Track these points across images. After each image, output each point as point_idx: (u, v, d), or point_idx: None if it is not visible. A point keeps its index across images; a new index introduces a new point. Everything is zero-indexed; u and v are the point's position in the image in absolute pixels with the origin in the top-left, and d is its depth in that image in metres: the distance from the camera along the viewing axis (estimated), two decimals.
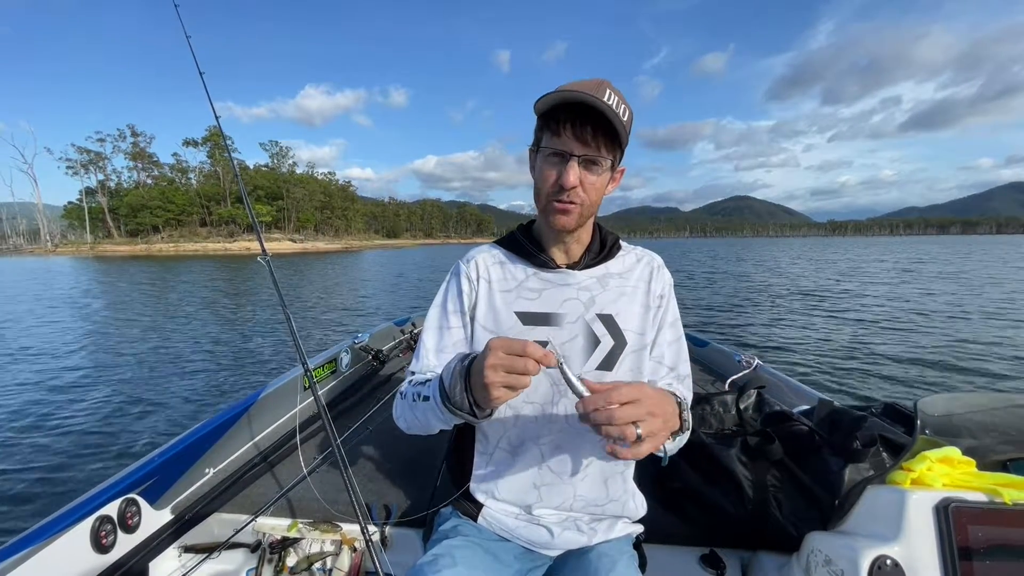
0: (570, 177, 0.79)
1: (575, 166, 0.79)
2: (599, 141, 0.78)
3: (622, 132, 0.77)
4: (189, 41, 1.40)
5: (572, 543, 0.91)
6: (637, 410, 0.63)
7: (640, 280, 0.95)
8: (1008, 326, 8.04)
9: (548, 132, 0.81)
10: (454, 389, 0.73)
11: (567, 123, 0.78)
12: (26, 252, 67.76)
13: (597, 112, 0.75)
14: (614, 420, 0.62)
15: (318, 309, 11.20)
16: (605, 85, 0.77)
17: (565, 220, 0.85)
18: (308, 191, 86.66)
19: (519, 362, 0.65)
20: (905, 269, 17.72)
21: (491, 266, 0.97)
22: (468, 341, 0.95)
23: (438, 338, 0.96)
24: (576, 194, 0.82)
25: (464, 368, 0.72)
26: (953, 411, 0.86)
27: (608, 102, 0.75)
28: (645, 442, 0.63)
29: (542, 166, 0.84)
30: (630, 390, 0.65)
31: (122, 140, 76.32)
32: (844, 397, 4.83)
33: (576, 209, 0.84)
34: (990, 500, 0.76)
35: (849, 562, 0.79)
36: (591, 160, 0.80)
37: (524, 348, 0.66)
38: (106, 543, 1.03)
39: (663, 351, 0.95)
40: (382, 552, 1.08)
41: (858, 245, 77.47)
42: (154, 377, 5.56)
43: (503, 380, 0.65)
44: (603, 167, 0.81)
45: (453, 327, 0.95)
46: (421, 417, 0.84)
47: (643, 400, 0.65)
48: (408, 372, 0.97)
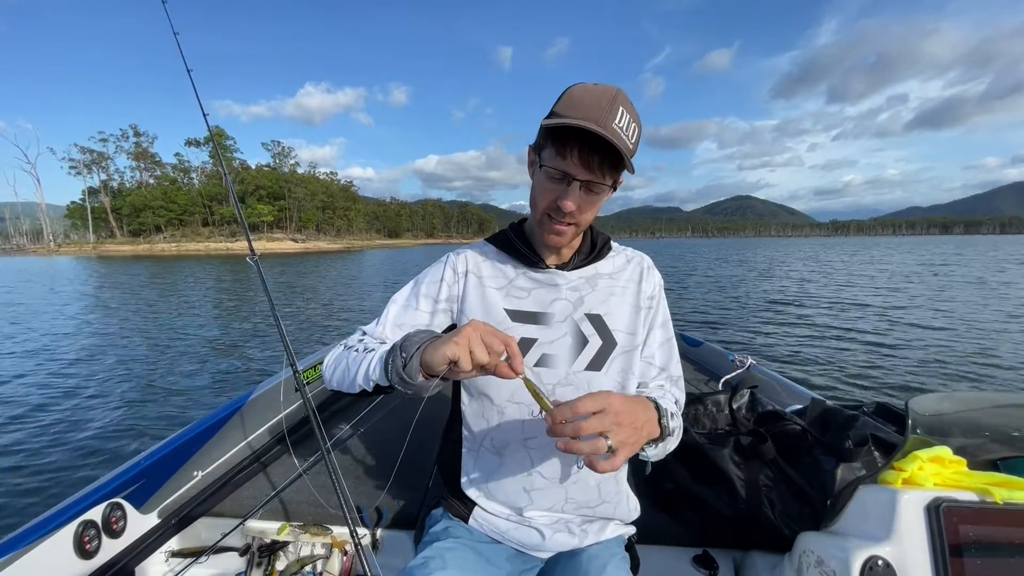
0: (569, 203, 0.78)
1: (576, 190, 0.78)
2: (604, 168, 0.76)
3: (627, 158, 0.75)
4: (177, 38, 1.40)
5: (563, 545, 0.90)
6: (603, 421, 0.62)
7: (630, 281, 0.95)
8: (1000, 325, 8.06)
9: (553, 149, 0.78)
10: (417, 335, 0.72)
11: (575, 148, 0.75)
12: (29, 252, 68.07)
13: (606, 141, 0.72)
14: (580, 432, 0.60)
15: (318, 309, 11.24)
16: (619, 101, 0.73)
17: (558, 240, 0.85)
18: (310, 191, 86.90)
19: (497, 340, 0.65)
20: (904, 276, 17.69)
21: (482, 262, 0.97)
22: (428, 327, 0.94)
23: (400, 313, 0.95)
24: (573, 216, 0.81)
25: (435, 336, 0.71)
26: (944, 410, 0.86)
27: (619, 125, 0.73)
28: (618, 453, 0.62)
29: (543, 180, 0.81)
30: (595, 400, 0.63)
31: (125, 140, 76.83)
32: (837, 394, 4.84)
33: (570, 230, 0.84)
34: (981, 499, 0.76)
35: (840, 562, 0.79)
36: (592, 185, 0.79)
37: (508, 339, 0.66)
38: (90, 548, 1.01)
39: (654, 351, 0.94)
40: (372, 555, 1.07)
41: (858, 246, 77.37)
42: (141, 379, 5.49)
43: (475, 340, 0.64)
44: (603, 190, 0.80)
45: (420, 309, 0.95)
46: (352, 365, 0.81)
47: (608, 410, 0.63)
48: (360, 330, 0.96)
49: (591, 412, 0.62)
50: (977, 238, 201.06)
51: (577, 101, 0.74)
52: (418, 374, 0.68)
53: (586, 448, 0.61)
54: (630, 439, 0.65)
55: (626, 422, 0.65)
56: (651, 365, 0.94)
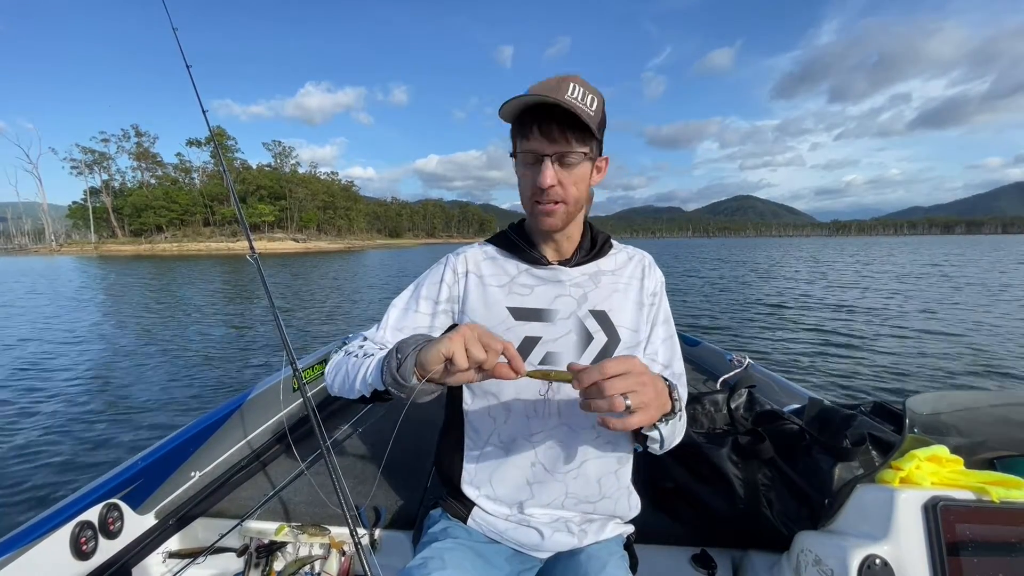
0: (546, 177, 0.79)
1: (549, 165, 0.80)
2: (568, 136, 0.78)
3: (590, 121, 0.77)
4: (176, 34, 1.40)
5: (562, 545, 0.90)
6: (627, 381, 0.63)
7: (633, 277, 0.95)
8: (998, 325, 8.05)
9: (519, 136, 0.82)
10: (408, 341, 0.72)
11: (534, 125, 0.78)
12: (31, 251, 68.24)
13: (561, 108, 0.75)
14: (604, 392, 0.62)
15: (318, 309, 11.25)
16: (568, 81, 0.77)
17: (551, 221, 0.85)
18: (311, 191, 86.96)
19: (495, 340, 0.66)
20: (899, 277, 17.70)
21: (482, 261, 0.97)
22: (430, 329, 0.95)
23: (400, 316, 0.95)
24: (555, 193, 0.82)
25: (431, 338, 0.71)
26: (941, 409, 0.86)
27: (572, 96, 0.75)
28: (636, 414, 0.64)
29: (521, 170, 0.85)
30: (618, 363, 0.64)
31: (126, 140, 76.92)
32: (834, 394, 4.84)
33: (560, 208, 0.84)
34: (978, 498, 0.76)
35: (838, 561, 0.79)
36: (563, 156, 0.80)
37: (503, 343, 0.67)
38: (87, 549, 1.01)
39: (656, 348, 0.94)
40: (371, 555, 1.07)
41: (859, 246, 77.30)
42: (140, 379, 5.47)
43: (470, 339, 0.64)
44: (577, 160, 0.81)
45: (420, 312, 0.95)
46: (352, 371, 0.81)
47: (632, 372, 0.64)
48: (360, 335, 0.96)
49: (616, 373, 0.63)
50: (979, 238, 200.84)
51: (528, 90, 0.78)
52: (411, 375, 0.68)
53: (604, 405, 0.63)
54: (651, 403, 0.66)
55: (648, 384, 0.66)
56: (654, 362, 0.94)
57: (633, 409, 0.63)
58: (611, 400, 0.62)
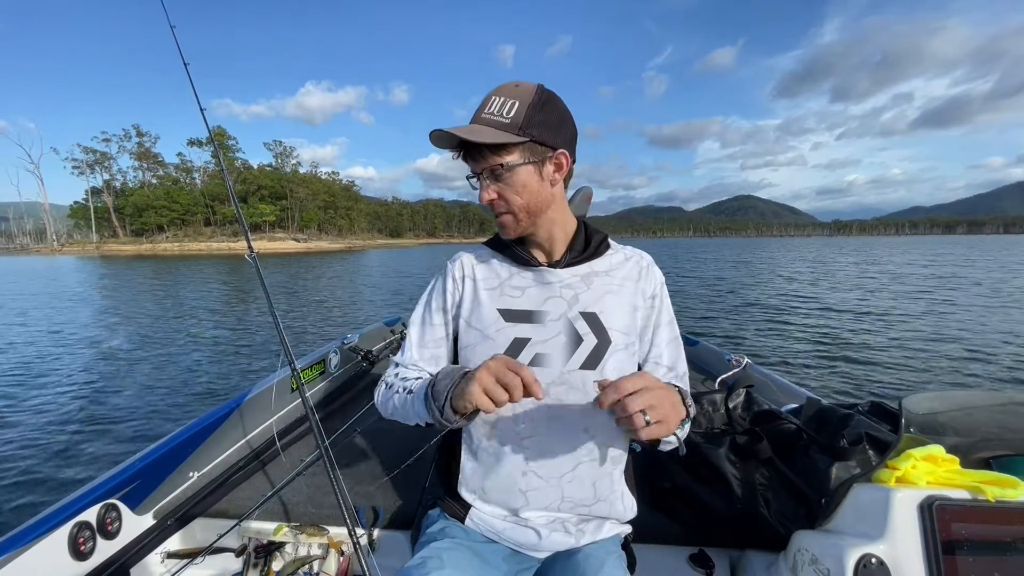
0: (482, 195, 0.85)
1: (484, 183, 0.85)
2: (485, 153, 0.81)
3: (501, 134, 0.79)
4: (174, 31, 1.39)
5: (560, 545, 0.91)
6: (644, 398, 0.67)
7: (626, 279, 0.94)
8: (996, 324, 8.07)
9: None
10: (442, 382, 0.78)
11: (458, 154, 0.86)
12: (32, 251, 68.37)
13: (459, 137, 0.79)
14: (626, 410, 0.66)
15: (317, 308, 11.25)
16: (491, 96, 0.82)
17: (506, 231, 0.90)
18: (312, 191, 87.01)
19: (510, 376, 0.70)
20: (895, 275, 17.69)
21: (476, 265, 0.98)
22: (448, 338, 0.98)
23: (420, 333, 1.00)
24: (498, 206, 0.86)
25: (462, 374, 0.77)
26: (937, 409, 0.86)
27: (488, 112, 0.80)
28: (655, 426, 0.67)
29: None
30: (634, 381, 0.68)
31: (127, 140, 77.03)
32: (832, 393, 4.85)
33: (508, 219, 0.87)
34: (973, 498, 0.76)
35: (835, 561, 0.79)
36: (491, 171, 0.83)
37: (520, 368, 0.70)
38: (84, 550, 1.01)
39: (661, 351, 0.94)
40: (370, 555, 1.07)
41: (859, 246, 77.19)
42: (138, 379, 5.48)
43: (489, 384, 0.70)
44: (507, 171, 0.82)
45: (435, 324, 0.98)
46: (400, 407, 0.90)
47: (648, 388, 0.68)
48: (392, 362, 1.01)
49: (634, 390, 0.67)
50: (980, 238, 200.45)
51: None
52: (454, 418, 0.75)
53: (626, 422, 0.67)
54: (668, 414, 0.70)
55: (665, 398, 0.71)
56: (659, 364, 0.94)
57: (652, 423, 0.67)
58: (632, 418, 0.66)
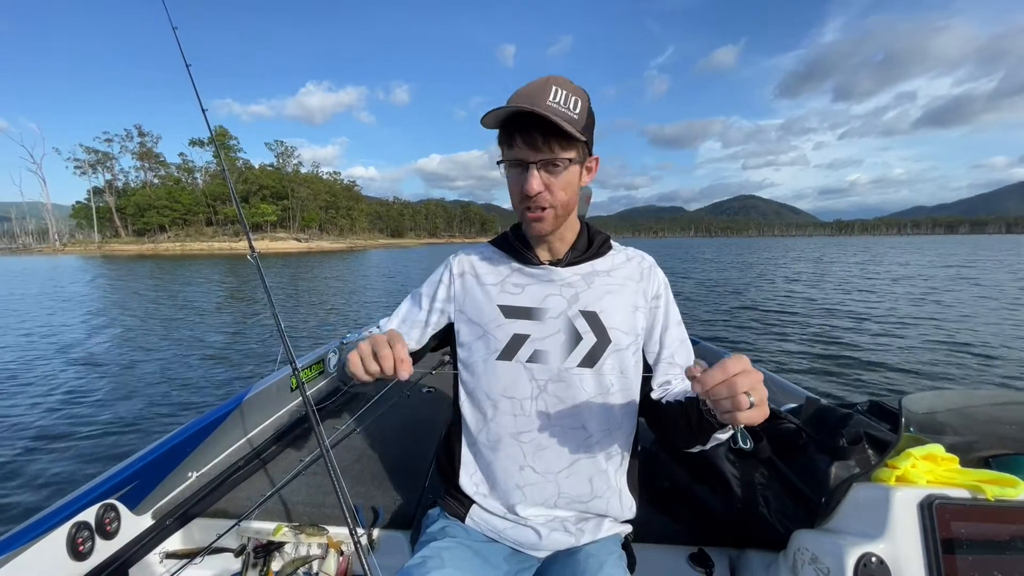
0: (532, 185, 0.80)
1: (535, 173, 0.80)
2: (551, 143, 0.79)
3: (572, 128, 0.77)
4: (175, 32, 1.40)
5: (560, 544, 0.91)
6: (748, 379, 0.64)
7: (628, 279, 0.95)
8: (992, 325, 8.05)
9: (505, 144, 0.83)
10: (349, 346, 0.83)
11: (516, 135, 0.80)
12: (35, 251, 68.54)
13: (541, 116, 0.75)
14: (733, 390, 0.63)
15: (318, 308, 11.27)
16: (551, 84, 0.78)
17: (540, 226, 0.87)
18: (313, 191, 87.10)
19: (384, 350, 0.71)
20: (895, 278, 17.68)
21: (478, 262, 1.00)
22: (427, 325, 1.01)
23: (407, 309, 1.04)
24: (543, 199, 0.83)
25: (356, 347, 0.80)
26: (937, 408, 0.86)
27: (554, 102, 0.76)
28: (756, 408, 0.64)
29: (508, 177, 0.86)
30: (737, 362, 0.65)
31: (129, 140, 77.16)
32: (831, 393, 4.84)
33: (548, 213, 0.85)
34: (973, 496, 0.76)
35: (835, 559, 0.79)
36: (549, 163, 0.80)
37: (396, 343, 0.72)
38: (83, 550, 1.01)
39: (673, 351, 0.95)
40: (369, 555, 1.07)
41: (861, 246, 77.06)
42: (137, 378, 5.46)
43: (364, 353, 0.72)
44: (563, 166, 0.81)
45: (421, 308, 1.02)
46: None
47: (748, 370, 0.65)
48: (376, 324, 1.05)
49: (739, 371, 0.64)
50: (983, 237, 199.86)
51: (510, 98, 0.79)
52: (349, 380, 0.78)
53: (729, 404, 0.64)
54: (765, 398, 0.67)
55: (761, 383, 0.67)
56: (672, 364, 0.94)
57: (755, 405, 0.64)
58: (736, 398, 0.63)
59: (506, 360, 0.90)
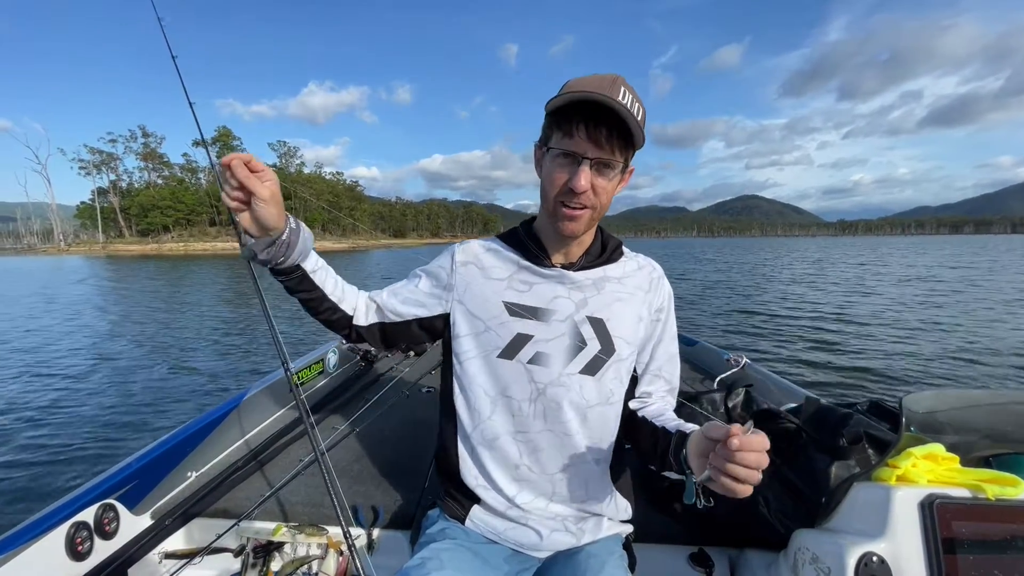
0: (582, 181, 0.75)
1: (587, 170, 0.75)
2: (613, 143, 0.74)
3: (637, 133, 0.74)
4: (161, 24, 1.37)
5: (561, 544, 0.91)
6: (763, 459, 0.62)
7: (638, 288, 0.92)
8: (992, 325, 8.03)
9: (560, 132, 0.77)
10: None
11: (581, 124, 0.74)
12: (39, 251, 68.94)
13: (612, 113, 0.71)
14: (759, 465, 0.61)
15: None
16: (619, 82, 0.73)
17: (574, 226, 0.81)
18: (316, 191, 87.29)
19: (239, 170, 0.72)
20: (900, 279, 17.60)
21: (484, 254, 0.95)
22: (416, 304, 0.97)
23: (403, 284, 1.01)
24: (587, 198, 0.78)
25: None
26: (937, 408, 0.85)
27: (623, 101, 0.71)
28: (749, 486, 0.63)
29: (551, 166, 0.79)
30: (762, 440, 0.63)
31: (133, 141, 77.44)
32: (831, 392, 4.82)
33: (586, 214, 0.80)
34: (973, 496, 0.76)
35: (836, 559, 0.79)
36: (604, 163, 0.76)
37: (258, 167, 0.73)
38: (82, 550, 1.00)
39: (661, 364, 0.94)
40: (368, 556, 1.07)
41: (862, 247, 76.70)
42: (135, 379, 5.45)
43: (228, 190, 0.74)
44: (615, 170, 0.78)
45: (418, 287, 0.98)
46: None
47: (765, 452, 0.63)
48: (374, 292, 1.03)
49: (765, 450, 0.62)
50: (988, 238, 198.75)
51: (577, 84, 0.75)
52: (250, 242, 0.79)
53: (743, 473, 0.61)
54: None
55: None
56: (658, 378, 0.93)
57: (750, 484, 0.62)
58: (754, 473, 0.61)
59: (507, 359, 0.88)
